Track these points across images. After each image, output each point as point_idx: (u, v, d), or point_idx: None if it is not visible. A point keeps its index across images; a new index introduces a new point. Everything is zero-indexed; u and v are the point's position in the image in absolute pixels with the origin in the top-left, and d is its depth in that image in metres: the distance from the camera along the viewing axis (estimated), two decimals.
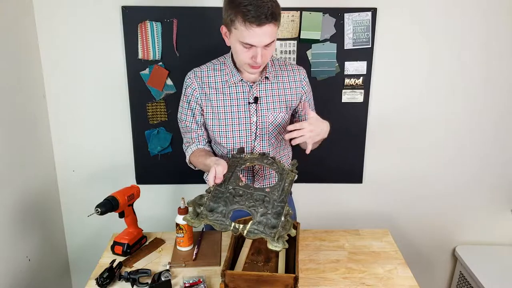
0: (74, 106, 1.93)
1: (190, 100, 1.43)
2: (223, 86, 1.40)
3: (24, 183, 1.76)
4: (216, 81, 1.41)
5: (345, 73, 1.90)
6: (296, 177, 1.30)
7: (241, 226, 1.12)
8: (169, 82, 1.87)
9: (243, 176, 1.31)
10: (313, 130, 1.25)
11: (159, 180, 2.04)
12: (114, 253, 1.46)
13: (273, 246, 1.06)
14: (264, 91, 1.41)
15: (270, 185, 1.49)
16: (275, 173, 1.37)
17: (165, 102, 1.90)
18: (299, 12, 1.81)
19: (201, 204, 1.19)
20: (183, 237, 1.46)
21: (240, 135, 1.42)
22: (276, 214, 1.16)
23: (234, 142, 1.43)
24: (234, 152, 1.43)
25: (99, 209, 1.34)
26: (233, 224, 1.12)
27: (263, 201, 1.21)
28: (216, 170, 1.21)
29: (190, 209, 1.18)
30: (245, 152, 1.42)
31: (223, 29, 1.31)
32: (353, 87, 1.92)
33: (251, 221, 1.14)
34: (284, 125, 1.45)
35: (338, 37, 1.85)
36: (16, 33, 1.69)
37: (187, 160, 1.52)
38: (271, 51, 1.31)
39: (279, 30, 1.82)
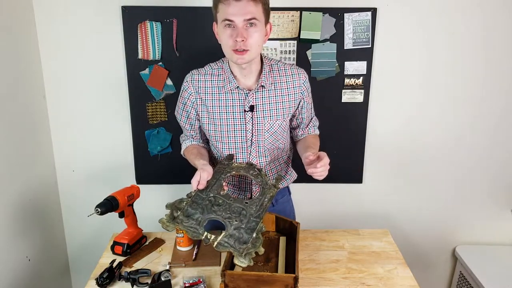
0: (74, 106, 1.93)
1: (186, 103, 1.44)
2: (220, 92, 1.39)
3: (24, 183, 1.76)
4: (213, 86, 1.40)
5: (345, 73, 1.89)
6: (280, 189, 1.28)
7: (213, 237, 1.11)
8: (169, 82, 1.87)
9: (226, 185, 1.31)
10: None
11: (159, 180, 2.04)
12: (114, 253, 1.46)
13: (239, 261, 1.06)
14: (261, 99, 1.39)
15: None
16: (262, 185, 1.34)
17: (165, 102, 1.90)
18: (299, 12, 1.81)
19: (179, 208, 1.19)
20: (183, 237, 1.46)
21: (236, 141, 1.42)
22: (250, 230, 1.15)
23: (230, 148, 1.43)
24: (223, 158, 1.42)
25: (99, 209, 1.34)
26: (205, 233, 1.12)
27: (239, 214, 1.20)
28: (201, 176, 1.22)
29: (168, 211, 1.17)
30: (234, 159, 1.42)
31: (214, 27, 1.33)
32: (353, 87, 1.92)
33: (223, 233, 1.13)
34: (281, 131, 1.45)
35: (338, 37, 1.85)
36: (16, 33, 1.69)
37: (182, 152, 1.53)
38: (256, 37, 1.26)
39: (279, 30, 1.83)
